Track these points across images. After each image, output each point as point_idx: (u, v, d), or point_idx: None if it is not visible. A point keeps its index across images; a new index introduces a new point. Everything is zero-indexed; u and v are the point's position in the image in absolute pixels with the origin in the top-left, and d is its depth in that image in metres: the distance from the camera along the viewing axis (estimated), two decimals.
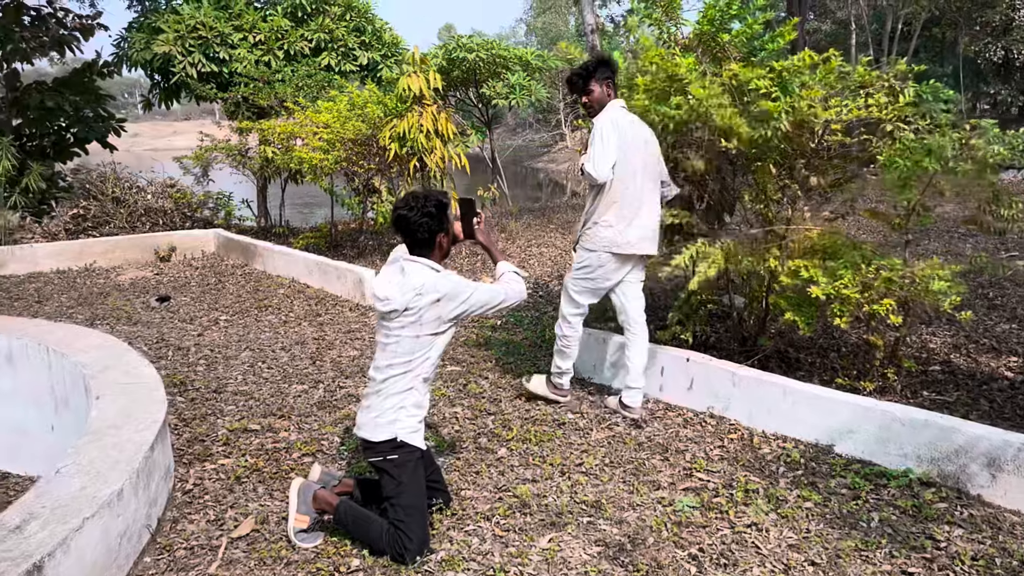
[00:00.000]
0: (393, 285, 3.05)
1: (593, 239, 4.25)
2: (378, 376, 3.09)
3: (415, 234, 3.10)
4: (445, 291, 3.06)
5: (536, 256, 8.27)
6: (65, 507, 2.66)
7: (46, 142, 12.94)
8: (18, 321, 5.26)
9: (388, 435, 3.04)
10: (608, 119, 4.09)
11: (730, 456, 3.88)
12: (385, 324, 3.08)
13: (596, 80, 4.17)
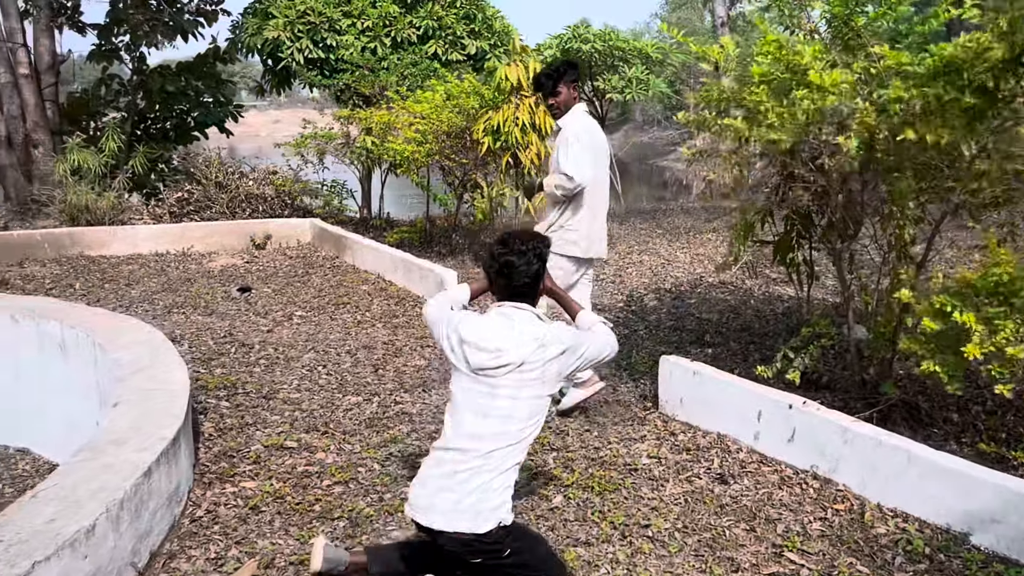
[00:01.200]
0: (505, 334, 2.52)
1: (560, 244, 4.20)
2: (481, 447, 2.43)
3: (521, 281, 2.64)
4: (569, 343, 2.58)
5: (635, 264, 7.60)
6: (19, 545, 2.30)
7: (168, 125, 13.31)
8: (78, 308, 5.12)
9: (495, 522, 2.39)
10: (580, 126, 4.19)
11: (833, 533, 3.16)
12: (489, 383, 2.49)
13: (564, 83, 4.25)
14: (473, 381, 2.52)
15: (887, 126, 3.21)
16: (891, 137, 3.24)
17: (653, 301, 6.40)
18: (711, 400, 4.13)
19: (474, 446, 2.44)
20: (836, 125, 3.40)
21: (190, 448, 3.47)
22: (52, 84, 10.51)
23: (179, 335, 5.65)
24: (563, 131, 4.22)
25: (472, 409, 2.50)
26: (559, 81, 4.25)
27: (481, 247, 8.15)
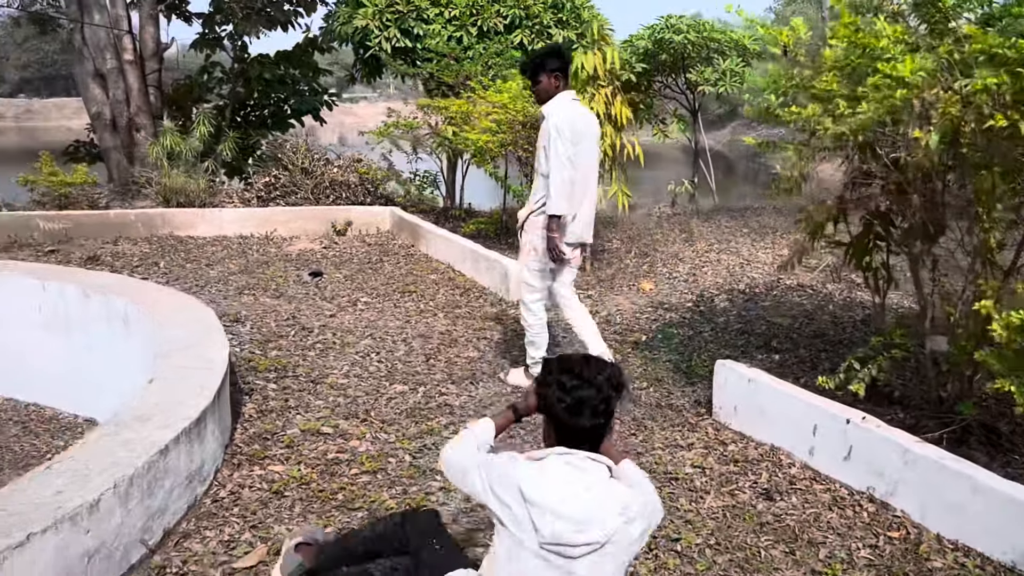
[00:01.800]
0: (585, 498, 1.97)
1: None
2: None
3: (595, 421, 2.10)
4: (649, 519, 2.07)
5: (711, 263, 7.28)
6: (20, 515, 2.33)
7: (265, 113, 13.71)
8: (144, 286, 5.27)
9: None
10: (561, 115, 4.24)
11: (883, 562, 2.88)
12: (565, 564, 1.95)
13: (544, 72, 4.31)
14: (541, 559, 1.94)
15: (974, 116, 2.87)
16: (978, 130, 2.90)
17: (724, 302, 6.10)
18: (766, 410, 3.86)
19: None
20: (915, 117, 3.07)
21: (221, 428, 3.48)
22: (156, 70, 10.96)
23: (244, 316, 5.75)
24: (546, 120, 4.31)
25: None
26: (539, 70, 4.34)
27: None
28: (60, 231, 8.40)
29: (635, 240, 8.29)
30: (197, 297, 6.15)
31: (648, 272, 7.18)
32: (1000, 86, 2.78)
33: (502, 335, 5.56)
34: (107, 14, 10.35)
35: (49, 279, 5.17)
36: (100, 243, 8.20)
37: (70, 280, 5.13)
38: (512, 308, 6.22)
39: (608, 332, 5.64)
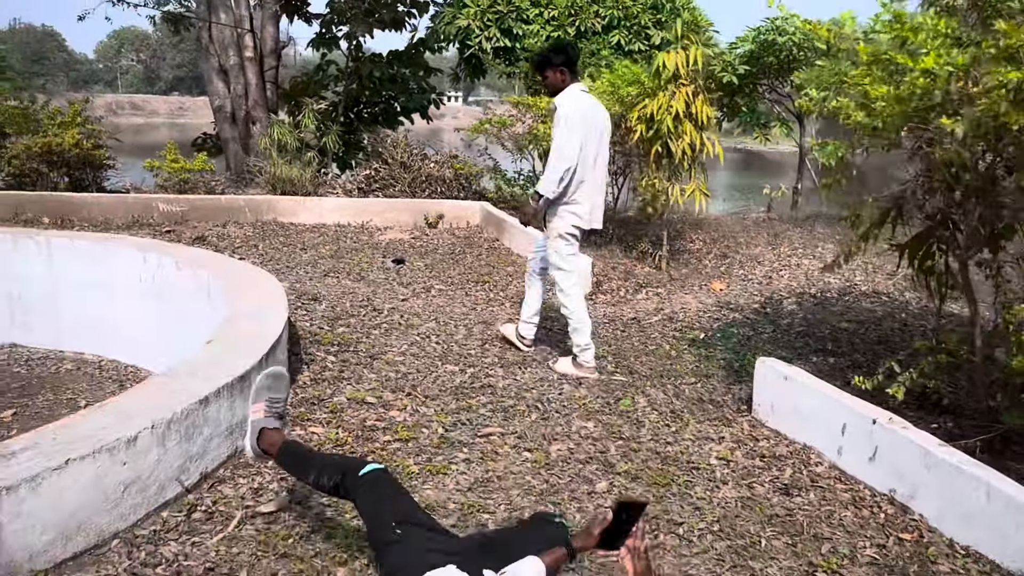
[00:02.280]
0: None
1: (566, 216, 4.64)
2: None
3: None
4: None
5: (790, 267, 7.12)
6: (65, 444, 2.65)
7: (377, 110, 14.29)
8: (228, 262, 5.69)
9: None
10: (572, 106, 4.50)
11: (885, 563, 2.83)
12: None
13: (550, 67, 4.61)
14: None
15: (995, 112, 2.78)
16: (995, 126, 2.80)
17: (792, 305, 5.98)
18: (801, 408, 3.82)
19: None
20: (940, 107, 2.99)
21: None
22: (273, 67, 11.68)
23: (322, 295, 6.11)
24: (557, 111, 4.56)
25: None
26: (545, 66, 4.64)
27: (635, 238, 8.00)
28: (177, 213, 9.12)
29: (718, 242, 8.20)
30: (285, 278, 6.60)
31: (724, 273, 7.11)
32: (1019, 82, 2.68)
33: (562, 325, 5.66)
34: (232, 14, 11.12)
35: (150, 252, 5.67)
36: (210, 225, 8.84)
37: (167, 254, 5.61)
38: None
39: (668, 328, 5.66)
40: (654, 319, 5.87)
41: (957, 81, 2.87)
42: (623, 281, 6.89)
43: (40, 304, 5.87)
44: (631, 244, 7.92)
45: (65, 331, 5.85)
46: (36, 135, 9.59)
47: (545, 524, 2.47)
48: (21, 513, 2.44)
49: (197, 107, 64.22)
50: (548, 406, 4.22)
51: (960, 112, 2.88)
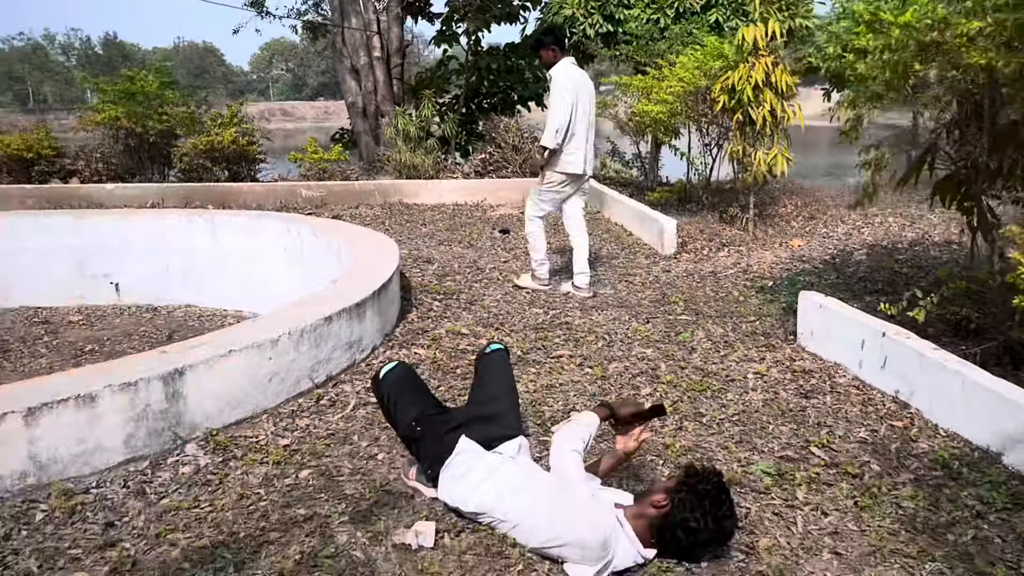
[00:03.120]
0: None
1: (561, 164, 5.77)
2: None
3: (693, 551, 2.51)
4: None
5: (873, 225, 7.37)
6: (227, 343, 3.62)
7: (495, 100, 15.22)
8: (354, 228, 6.66)
9: None
10: (564, 75, 5.60)
11: (873, 442, 3.37)
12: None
13: (543, 47, 5.74)
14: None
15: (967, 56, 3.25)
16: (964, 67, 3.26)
17: (861, 255, 6.35)
18: (832, 331, 4.34)
19: None
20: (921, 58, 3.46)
21: (381, 318, 4.67)
22: (398, 65, 12.81)
23: (434, 258, 7.03)
24: (552, 80, 5.64)
25: None
26: (539, 46, 5.79)
27: (727, 204, 8.47)
28: (317, 198, 10.36)
29: (809, 206, 8.54)
30: (404, 246, 7.58)
31: (807, 232, 7.49)
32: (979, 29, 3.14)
33: (642, 279, 6.31)
34: (361, 18, 12.32)
35: (292, 224, 6.77)
36: (345, 207, 10.02)
37: (305, 224, 6.69)
38: (663, 260, 6.93)
39: (741, 279, 6.18)
40: (730, 272, 6.41)
41: (932, 31, 3.35)
42: (708, 241, 7.42)
43: (208, 271, 7.09)
44: (723, 210, 8.40)
45: (227, 293, 7.03)
46: (200, 135, 11.10)
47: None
48: (201, 385, 3.42)
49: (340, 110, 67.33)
50: (614, 337, 4.91)
51: (935, 59, 3.36)
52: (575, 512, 2.47)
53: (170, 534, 2.74)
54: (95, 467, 3.12)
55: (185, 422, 3.39)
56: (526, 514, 2.60)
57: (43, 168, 11.04)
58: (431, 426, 3.01)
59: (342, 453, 3.36)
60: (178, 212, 7.76)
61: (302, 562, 2.57)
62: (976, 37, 3.17)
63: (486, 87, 14.75)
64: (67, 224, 7.17)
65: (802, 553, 2.61)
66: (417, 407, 3.08)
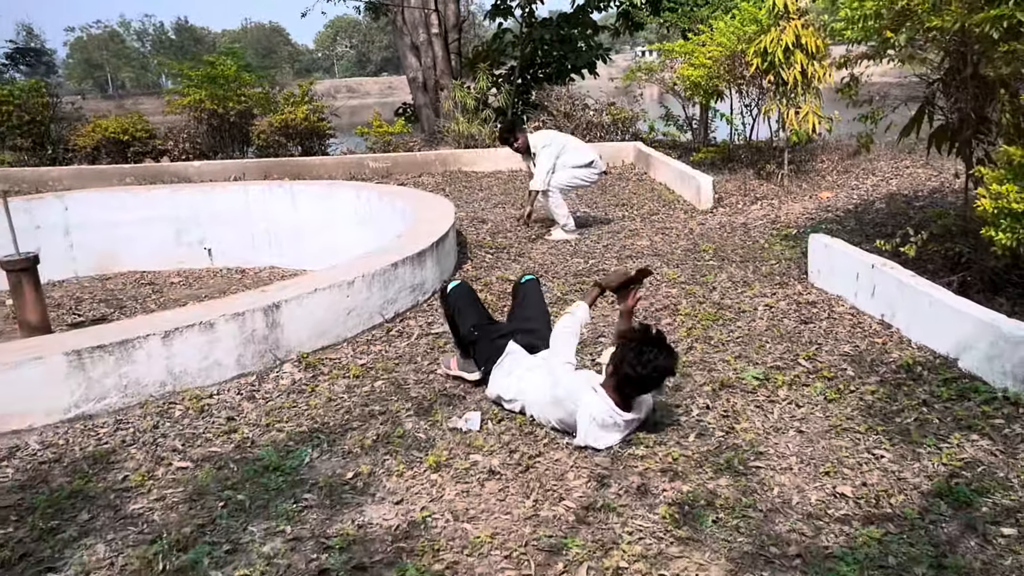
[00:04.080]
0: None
1: (575, 179, 7.12)
2: None
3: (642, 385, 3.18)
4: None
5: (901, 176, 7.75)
6: (313, 282, 4.42)
7: (549, 70, 15.75)
8: (416, 192, 7.42)
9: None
10: (538, 140, 7.07)
11: (853, 353, 3.96)
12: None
13: (512, 143, 7.17)
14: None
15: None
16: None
17: (882, 204, 6.80)
18: (835, 268, 4.89)
19: None
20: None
21: (440, 266, 5.42)
22: (456, 39, 13.48)
23: (488, 219, 7.76)
24: (535, 148, 7.03)
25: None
26: (509, 142, 7.17)
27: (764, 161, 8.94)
28: (382, 168, 11.18)
29: (844, 161, 8.93)
30: (462, 208, 8.32)
31: (839, 185, 7.93)
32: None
33: (678, 232, 6.90)
34: None
35: (361, 190, 7.57)
36: (409, 176, 10.81)
37: (372, 190, 7.48)
38: (700, 215, 7.50)
39: (769, 229, 6.72)
40: (759, 223, 6.95)
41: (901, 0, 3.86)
42: (743, 196, 7.94)
43: (288, 234, 7.96)
44: (760, 167, 8.88)
45: (306, 255, 7.89)
46: (275, 113, 12.03)
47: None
48: (293, 316, 4.22)
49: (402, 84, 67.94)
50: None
51: (906, 24, 3.88)
52: (555, 382, 3.25)
53: (277, 424, 3.55)
54: (215, 379, 3.96)
55: (282, 346, 4.20)
56: (535, 393, 3.35)
57: (137, 149, 12.15)
58: (485, 332, 3.78)
59: (408, 369, 4.13)
60: (259, 183, 8.66)
61: (378, 440, 3.34)
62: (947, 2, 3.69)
63: (540, 57, 15.29)
64: (165, 197, 8.14)
65: (772, 432, 3.25)
66: (475, 317, 3.85)
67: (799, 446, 3.13)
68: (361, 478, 3.04)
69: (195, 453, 3.31)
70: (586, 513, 2.71)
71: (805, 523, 2.61)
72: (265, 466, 3.15)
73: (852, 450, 3.06)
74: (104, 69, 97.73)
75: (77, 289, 7.64)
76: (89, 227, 8.03)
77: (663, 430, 3.30)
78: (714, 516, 2.65)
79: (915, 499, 2.72)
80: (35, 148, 12.44)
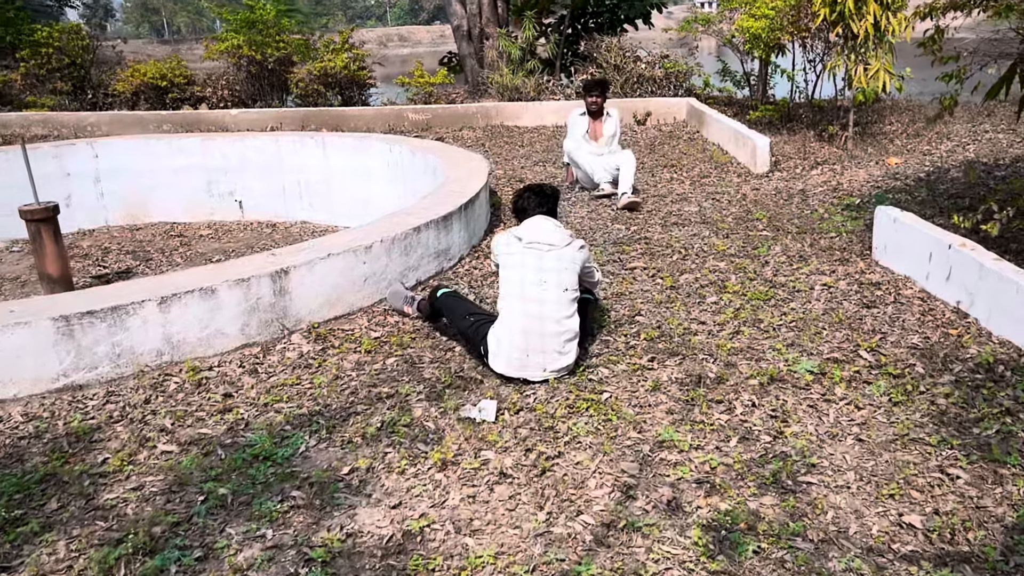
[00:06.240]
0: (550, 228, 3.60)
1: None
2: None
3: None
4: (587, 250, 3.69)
5: (979, 141, 7.09)
6: (327, 246, 4.08)
7: (601, 20, 15.06)
8: (449, 148, 7.01)
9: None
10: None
11: (923, 348, 3.50)
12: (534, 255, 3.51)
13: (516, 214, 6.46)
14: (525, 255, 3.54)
15: None
16: None
17: (957, 173, 6.19)
18: (903, 245, 4.39)
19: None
20: None
21: (468, 231, 5.05)
22: None
23: (528, 178, 7.34)
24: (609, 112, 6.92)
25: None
26: (600, 93, 6.85)
27: (828, 122, 8.31)
28: (422, 121, 10.77)
29: (916, 123, 8.26)
30: (501, 166, 7.90)
31: (909, 150, 7.30)
32: None
33: (730, 198, 6.40)
34: None
35: (393, 144, 7.20)
36: (449, 130, 10.39)
37: (405, 144, 7.10)
38: (754, 179, 6.96)
39: (830, 197, 6.18)
40: (819, 190, 6.40)
41: None
42: (802, 160, 7.37)
43: (318, 188, 7.64)
44: (822, 128, 8.25)
45: (337, 209, 7.58)
46: (315, 62, 11.66)
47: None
48: (304, 283, 3.90)
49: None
50: (690, 251, 5.10)
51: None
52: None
53: (276, 403, 3.25)
54: (217, 350, 3.67)
55: (291, 315, 3.89)
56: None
57: (176, 95, 11.92)
58: (478, 319, 3.58)
59: (425, 345, 3.79)
60: (291, 134, 8.34)
61: (382, 428, 3.02)
62: None
63: (592, 6, 14.60)
64: (195, 146, 7.88)
65: (827, 440, 2.84)
66: (468, 308, 3.72)
67: (858, 458, 2.72)
68: (358, 474, 2.72)
69: (184, 434, 3.02)
70: (606, 532, 2.36)
71: (864, 559, 2.21)
72: (256, 454, 2.85)
73: (921, 467, 2.63)
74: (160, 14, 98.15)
75: (107, 239, 7.47)
76: (119, 175, 7.83)
77: (701, 430, 2.92)
78: (755, 545, 2.27)
79: (997, 534, 2.30)
80: (75, 92, 12.29)
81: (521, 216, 3.73)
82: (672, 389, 3.25)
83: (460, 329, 3.67)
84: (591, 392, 3.25)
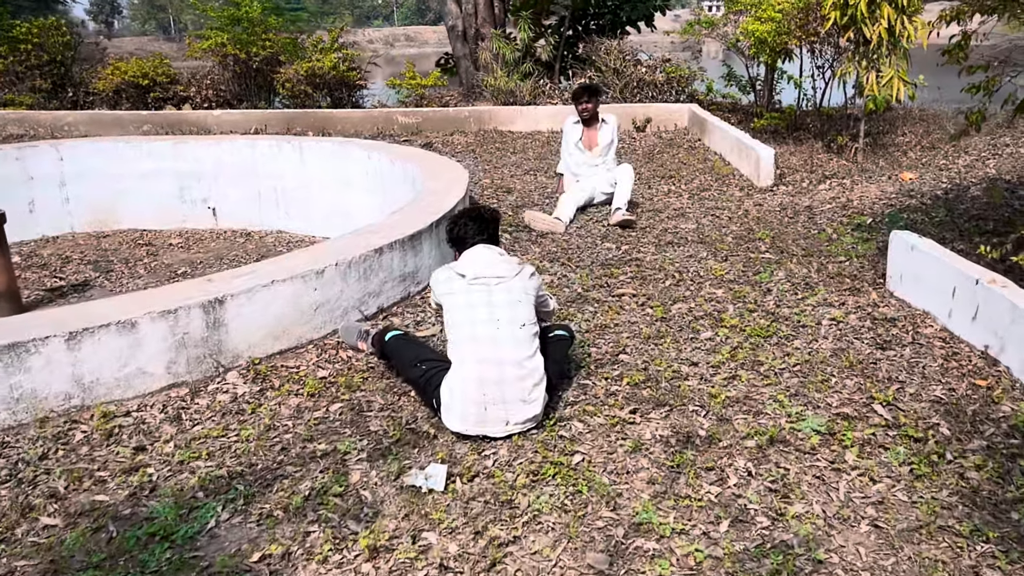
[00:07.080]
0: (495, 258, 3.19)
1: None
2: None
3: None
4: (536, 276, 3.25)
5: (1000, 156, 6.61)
6: (270, 273, 3.62)
7: (603, 21, 14.58)
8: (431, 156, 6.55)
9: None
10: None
11: (948, 403, 3.03)
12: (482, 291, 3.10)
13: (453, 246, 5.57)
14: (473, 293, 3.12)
15: None
16: None
17: (977, 191, 5.71)
18: (921, 275, 3.92)
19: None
20: None
21: (441, 249, 4.56)
22: None
23: (516, 188, 6.89)
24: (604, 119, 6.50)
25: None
26: (592, 100, 6.42)
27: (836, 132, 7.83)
28: (413, 124, 10.31)
29: (931, 134, 7.77)
30: (489, 175, 7.45)
31: (924, 164, 6.81)
32: None
33: (730, 214, 5.92)
34: None
35: (372, 151, 6.74)
36: (440, 135, 9.93)
37: (384, 152, 6.64)
38: (758, 193, 6.49)
39: (839, 215, 5.71)
40: (827, 207, 5.93)
41: None
42: (809, 173, 6.89)
43: (296, 195, 7.19)
44: (830, 138, 7.77)
45: (314, 219, 7.13)
46: (301, 61, 11.21)
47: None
48: (242, 314, 3.44)
49: None
50: (685, 275, 4.63)
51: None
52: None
53: (193, 461, 2.79)
54: (138, 391, 3.21)
55: (227, 350, 3.43)
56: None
57: (158, 95, 11.48)
58: (429, 365, 3.11)
59: (376, 388, 3.33)
60: (269, 138, 7.88)
61: (310, 498, 2.56)
62: None
63: (593, 7, 14.12)
64: (167, 149, 7.43)
65: (837, 523, 2.37)
66: (417, 354, 3.23)
67: (874, 552, 2.24)
68: (270, 562, 2.26)
69: (76, 502, 2.56)
70: None
71: None
72: (154, 532, 2.39)
73: (952, 567, 2.16)
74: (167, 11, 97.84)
75: (70, 247, 7.02)
76: (86, 179, 7.38)
77: (687, 507, 2.45)
78: None
79: None
80: (55, 90, 11.85)
81: (459, 246, 3.26)
82: (655, 451, 2.78)
83: (410, 379, 3.21)
84: (561, 453, 2.79)
